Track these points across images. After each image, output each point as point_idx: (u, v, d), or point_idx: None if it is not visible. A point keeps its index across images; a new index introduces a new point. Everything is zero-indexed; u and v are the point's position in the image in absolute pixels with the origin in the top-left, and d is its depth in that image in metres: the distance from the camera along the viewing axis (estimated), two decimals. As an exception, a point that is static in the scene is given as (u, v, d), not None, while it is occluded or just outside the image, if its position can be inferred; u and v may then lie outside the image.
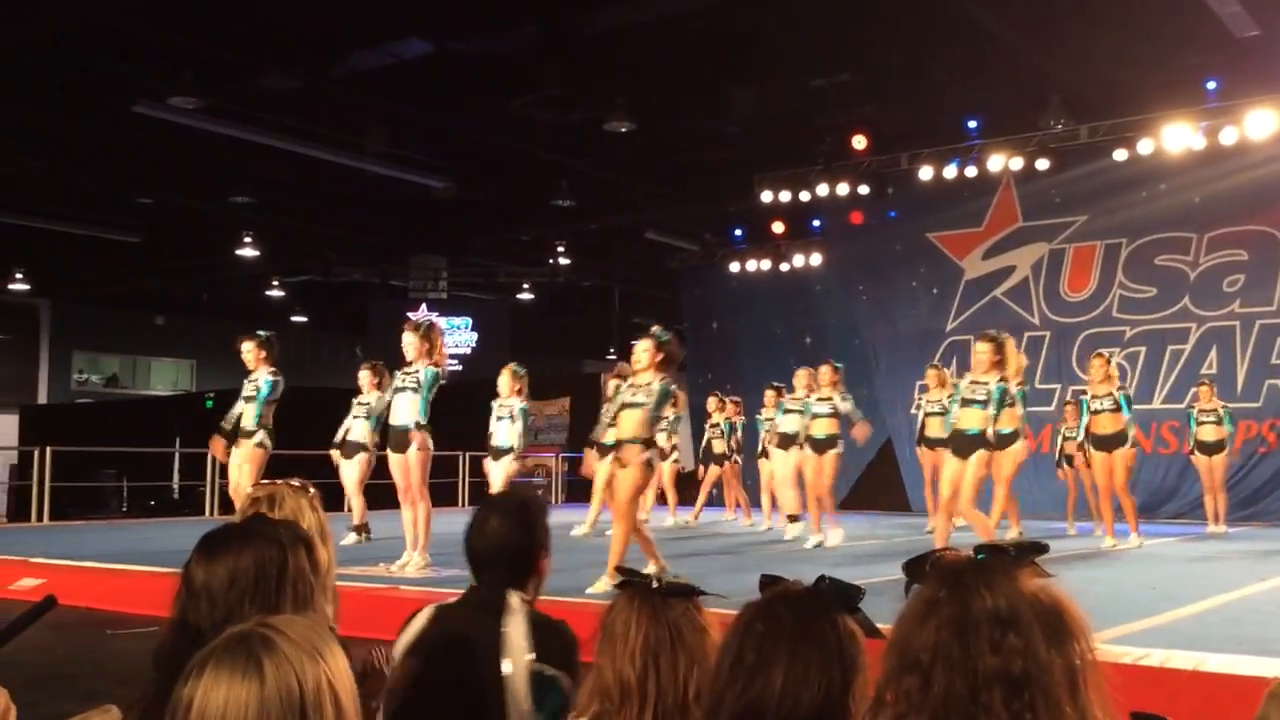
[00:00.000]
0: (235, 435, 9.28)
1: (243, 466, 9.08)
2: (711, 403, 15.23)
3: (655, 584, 2.05)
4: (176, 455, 20.29)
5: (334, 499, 11.17)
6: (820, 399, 10.98)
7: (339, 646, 1.45)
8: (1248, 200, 14.83)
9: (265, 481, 2.76)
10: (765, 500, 13.52)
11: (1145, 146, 14.55)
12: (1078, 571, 8.32)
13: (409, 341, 8.88)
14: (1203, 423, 12.65)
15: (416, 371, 8.81)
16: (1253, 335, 15.01)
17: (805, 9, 11.89)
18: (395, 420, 8.80)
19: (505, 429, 11.07)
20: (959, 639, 1.35)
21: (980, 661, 1.34)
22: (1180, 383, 15.36)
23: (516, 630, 2.47)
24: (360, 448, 11.08)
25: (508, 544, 2.63)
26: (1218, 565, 9.27)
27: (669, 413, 10.39)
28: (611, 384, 10.36)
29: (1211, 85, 14.14)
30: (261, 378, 9.41)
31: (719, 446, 14.64)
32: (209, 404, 25.70)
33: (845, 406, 10.88)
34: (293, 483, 2.74)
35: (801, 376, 11.45)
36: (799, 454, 11.12)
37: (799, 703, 1.57)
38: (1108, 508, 10.96)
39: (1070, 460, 12.99)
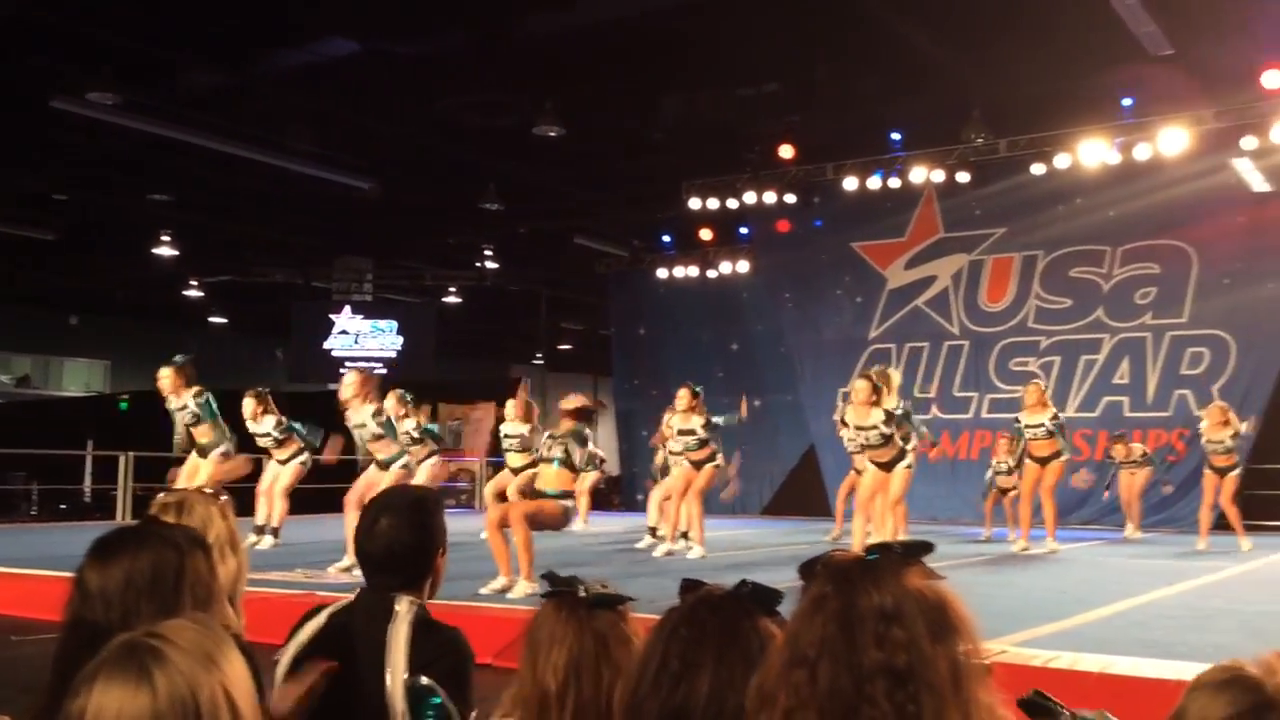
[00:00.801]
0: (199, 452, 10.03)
1: (197, 478, 9.56)
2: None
3: (583, 593, 2.02)
4: (89, 458, 19.80)
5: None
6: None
7: (237, 652, 1.42)
8: (1160, 216, 15.26)
9: (175, 488, 2.71)
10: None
11: (1062, 161, 14.92)
12: (991, 576, 8.49)
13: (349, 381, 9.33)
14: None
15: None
16: (1163, 346, 15.45)
17: (734, 19, 11.99)
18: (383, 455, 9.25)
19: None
20: (844, 633, 1.38)
21: (864, 655, 1.36)
22: (1094, 392, 15.78)
23: (398, 638, 2.38)
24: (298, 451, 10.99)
25: (399, 545, 2.52)
26: (1128, 571, 9.51)
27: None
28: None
29: (1127, 102, 14.55)
30: (190, 401, 9.73)
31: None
32: (123, 406, 25.16)
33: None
34: (204, 490, 2.70)
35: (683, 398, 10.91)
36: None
37: (724, 708, 1.57)
38: (1026, 510, 11.23)
39: (1003, 491, 12.95)
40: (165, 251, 20.47)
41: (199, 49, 12.93)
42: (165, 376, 9.87)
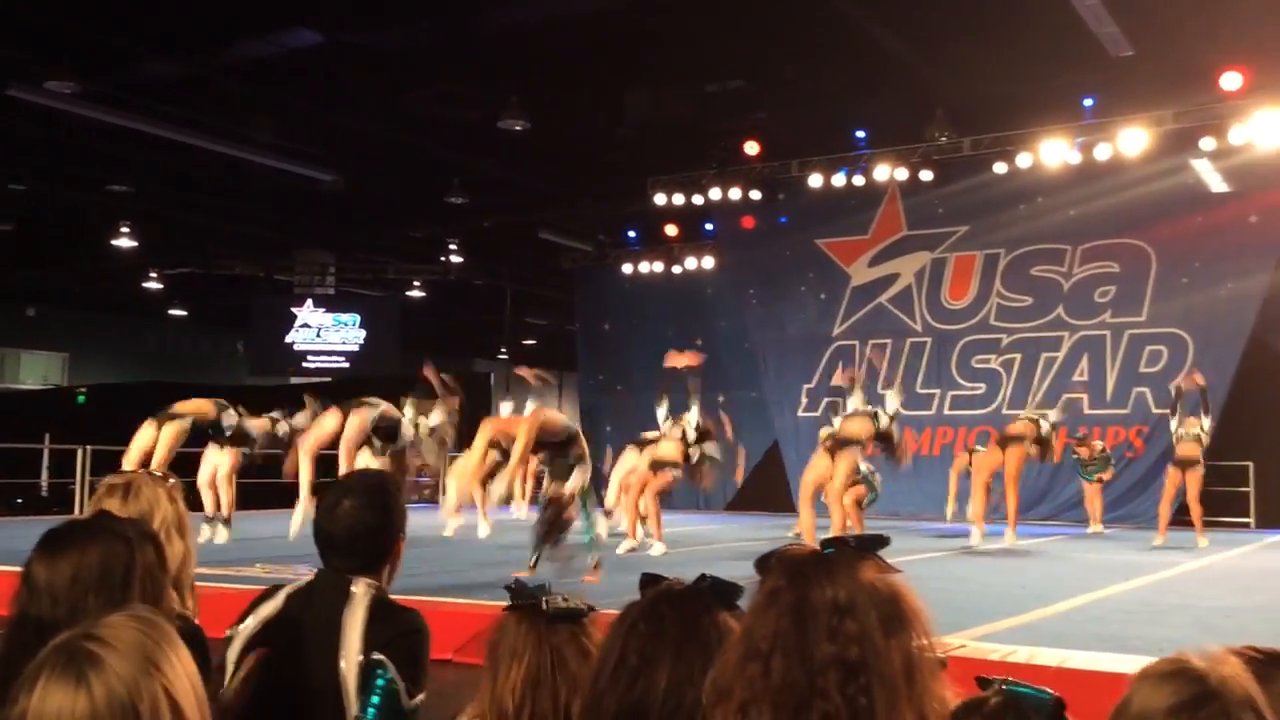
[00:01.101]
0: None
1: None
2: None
3: (544, 606, 2.00)
4: (45, 452, 19.54)
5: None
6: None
7: (180, 648, 1.41)
8: (1120, 215, 15.42)
9: (125, 470, 2.67)
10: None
11: (1024, 160, 15.05)
12: (950, 571, 8.56)
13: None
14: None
15: None
16: (1122, 345, 15.63)
17: (701, 16, 12.00)
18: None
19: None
20: (797, 626, 1.39)
21: (817, 648, 1.37)
22: (1054, 389, 15.91)
23: (354, 620, 2.37)
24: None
25: (360, 527, 2.50)
26: (1086, 566, 9.62)
27: None
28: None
29: (1088, 103, 14.69)
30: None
31: None
32: (81, 399, 24.87)
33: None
34: (152, 472, 2.66)
35: None
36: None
37: (681, 702, 1.58)
38: (980, 496, 11.36)
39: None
40: (124, 243, 20.22)
41: (159, 38, 12.78)
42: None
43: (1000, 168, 15.46)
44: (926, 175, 15.92)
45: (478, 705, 1.99)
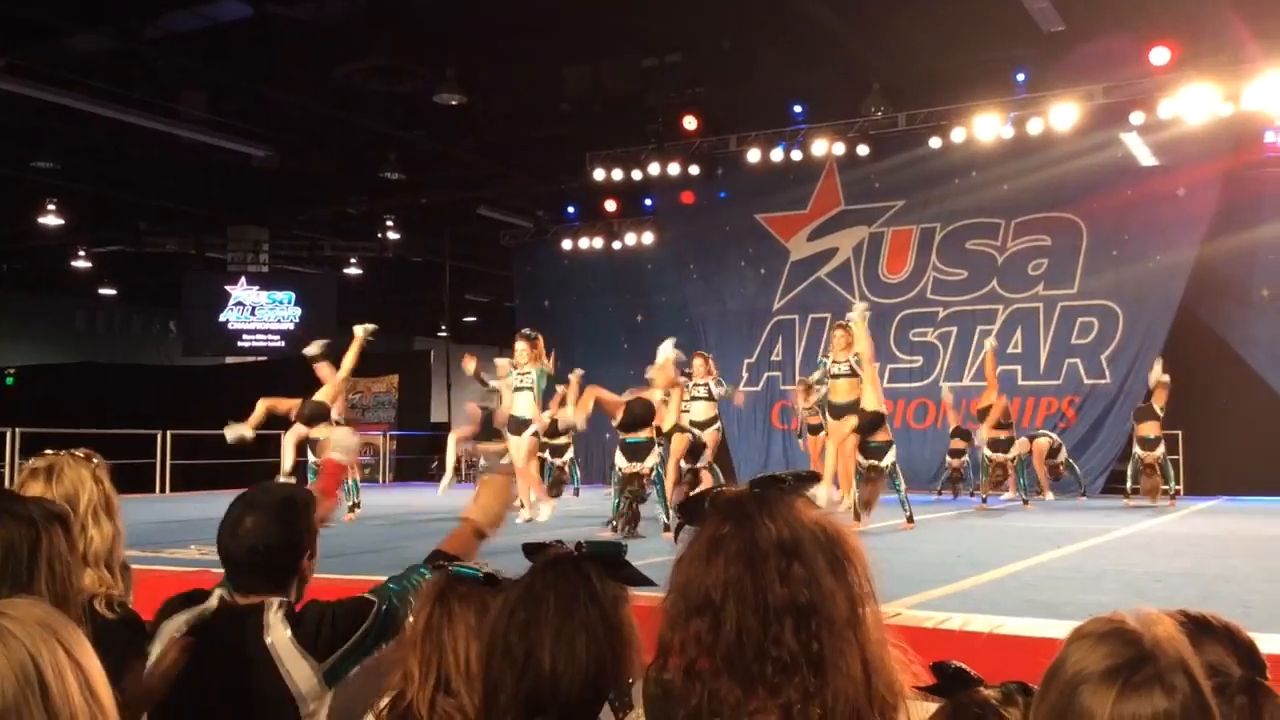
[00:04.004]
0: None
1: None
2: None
3: (449, 567, 2.11)
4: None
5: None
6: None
7: (79, 631, 1.40)
8: (1052, 189, 15.64)
9: (48, 452, 2.61)
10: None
11: (958, 135, 15.20)
12: (886, 541, 8.67)
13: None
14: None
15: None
16: (1054, 317, 15.90)
17: (637, -12, 11.96)
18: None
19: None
20: (750, 572, 1.35)
21: (770, 593, 1.33)
22: (989, 362, 16.16)
23: (283, 644, 2.32)
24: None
25: (261, 546, 2.37)
26: (1022, 534, 9.80)
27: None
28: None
29: (1020, 77, 14.86)
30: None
31: None
32: (9, 380, 24.30)
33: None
34: (76, 453, 2.60)
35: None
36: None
37: (573, 681, 1.60)
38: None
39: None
40: (51, 220, 19.72)
41: (85, 11, 12.45)
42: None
43: (935, 142, 15.60)
44: (863, 150, 16.02)
45: (398, 671, 2.06)
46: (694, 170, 17.18)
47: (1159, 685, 1.19)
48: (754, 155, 16.54)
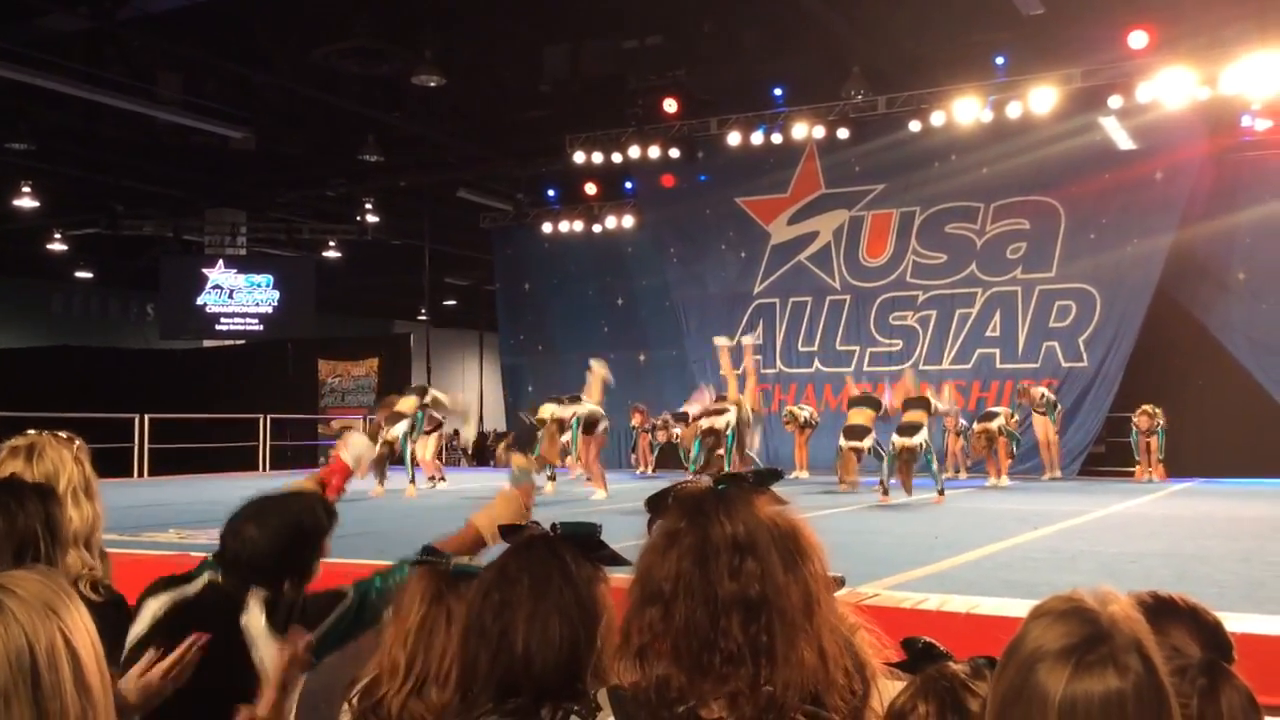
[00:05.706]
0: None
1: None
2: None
3: (445, 564, 2.09)
4: (-53, 419, 18.93)
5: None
6: None
7: (79, 604, 1.39)
8: (1030, 173, 15.69)
9: (30, 431, 2.59)
10: None
11: (938, 119, 15.23)
12: (866, 523, 8.71)
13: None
14: None
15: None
16: (1033, 300, 15.98)
17: (617, -30, 11.91)
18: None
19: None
20: (699, 567, 1.39)
21: (719, 588, 1.37)
22: (968, 345, 16.25)
23: (257, 628, 2.39)
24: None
25: (258, 555, 2.47)
26: (1000, 515, 9.86)
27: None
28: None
29: (1000, 61, 14.88)
30: None
31: None
32: (-15, 365, 24.03)
33: None
34: (58, 434, 2.59)
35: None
36: None
37: (546, 662, 1.61)
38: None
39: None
40: (26, 203, 19.54)
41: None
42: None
43: (915, 126, 15.62)
44: (843, 133, 16.03)
45: (377, 658, 2.06)
46: (674, 153, 17.15)
47: (1112, 665, 1.20)
48: (734, 138, 16.52)
